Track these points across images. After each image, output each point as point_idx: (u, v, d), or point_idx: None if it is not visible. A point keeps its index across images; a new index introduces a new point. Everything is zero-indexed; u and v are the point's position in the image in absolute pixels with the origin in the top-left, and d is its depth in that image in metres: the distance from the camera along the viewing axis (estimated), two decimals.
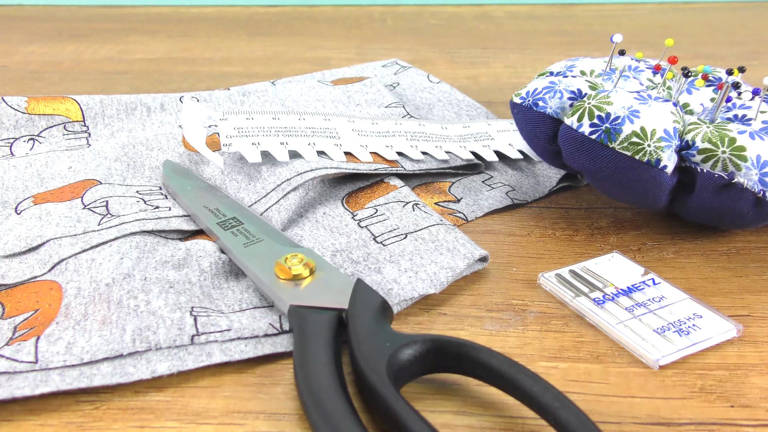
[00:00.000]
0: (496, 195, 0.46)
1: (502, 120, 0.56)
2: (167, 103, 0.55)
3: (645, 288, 0.37)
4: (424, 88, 0.63)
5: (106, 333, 0.31)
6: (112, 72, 0.72)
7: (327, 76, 0.65)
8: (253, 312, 0.34)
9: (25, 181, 0.45)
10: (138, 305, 0.33)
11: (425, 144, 0.49)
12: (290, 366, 0.32)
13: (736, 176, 0.36)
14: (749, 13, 1.00)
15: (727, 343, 0.33)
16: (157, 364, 0.30)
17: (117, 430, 0.28)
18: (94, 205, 0.41)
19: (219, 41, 0.84)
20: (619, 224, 0.44)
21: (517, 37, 0.87)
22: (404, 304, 0.35)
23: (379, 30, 0.90)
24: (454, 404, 0.30)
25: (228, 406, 0.30)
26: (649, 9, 1.02)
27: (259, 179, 0.44)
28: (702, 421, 0.29)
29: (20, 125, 0.50)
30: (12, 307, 0.34)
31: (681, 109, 0.41)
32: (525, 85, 0.45)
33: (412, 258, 0.38)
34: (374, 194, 0.45)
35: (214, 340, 0.32)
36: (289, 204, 0.42)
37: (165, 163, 0.46)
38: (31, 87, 0.66)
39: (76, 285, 0.35)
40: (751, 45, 0.83)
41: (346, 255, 0.39)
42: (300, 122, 0.48)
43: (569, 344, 0.33)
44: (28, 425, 0.29)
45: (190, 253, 0.37)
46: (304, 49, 0.80)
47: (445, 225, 0.40)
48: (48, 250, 0.37)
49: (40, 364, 0.30)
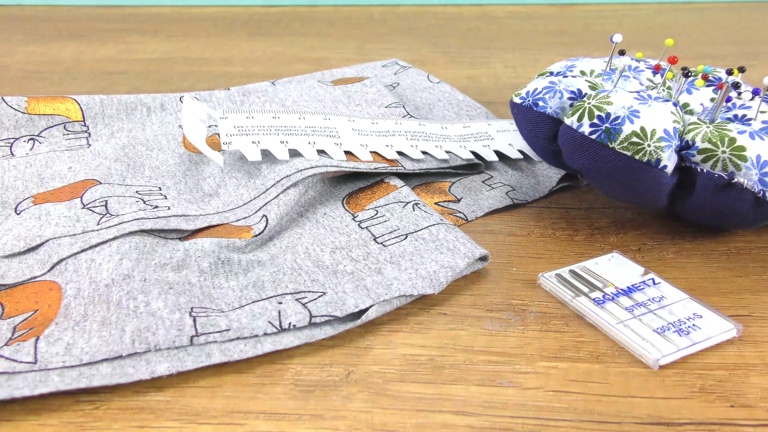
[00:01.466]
0: (496, 195, 0.46)
1: (502, 120, 0.56)
2: (167, 103, 0.55)
3: (645, 288, 0.36)
4: (424, 88, 0.63)
5: (105, 334, 0.31)
6: (112, 72, 0.72)
7: (327, 77, 0.65)
8: (252, 307, 0.34)
9: (25, 181, 0.45)
10: (137, 306, 0.33)
11: (425, 144, 0.49)
12: (290, 366, 0.32)
13: (736, 176, 0.36)
14: (749, 13, 1.00)
15: (727, 343, 0.33)
16: (156, 364, 0.30)
17: (117, 430, 0.28)
18: (93, 205, 0.41)
19: (219, 41, 0.84)
20: (619, 224, 0.44)
21: (517, 37, 0.87)
22: (404, 300, 0.35)
23: (379, 30, 0.90)
24: (454, 404, 0.30)
25: (228, 406, 0.30)
26: (649, 9, 1.02)
27: (258, 176, 0.44)
28: (702, 421, 0.29)
29: (20, 125, 0.50)
30: (11, 307, 0.34)
31: (681, 109, 0.41)
32: (525, 85, 0.45)
33: (413, 258, 0.38)
34: (374, 195, 0.45)
35: (214, 341, 0.32)
36: (288, 199, 0.42)
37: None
38: (31, 87, 0.66)
39: (76, 285, 0.35)
40: (751, 45, 0.83)
41: (346, 253, 0.39)
42: (300, 121, 0.48)
43: (569, 344, 0.33)
44: (28, 425, 0.29)
45: (189, 254, 0.37)
46: (304, 49, 0.80)
47: (446, 224, 0.40)
48: (47, 250, 0.37)
49: (39, 365, 0.30)
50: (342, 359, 0.32)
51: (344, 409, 0.30)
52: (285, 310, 0.34)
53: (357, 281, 0.36)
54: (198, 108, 0.50)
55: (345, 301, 0.35)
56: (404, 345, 0.33)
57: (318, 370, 0.32)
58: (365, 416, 0.29)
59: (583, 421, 0.29)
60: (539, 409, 0.30)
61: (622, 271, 0.38)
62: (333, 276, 0.37)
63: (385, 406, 0.30)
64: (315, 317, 0.33)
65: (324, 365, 0.32)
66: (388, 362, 0.32)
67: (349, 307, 0.34)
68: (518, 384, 0.31)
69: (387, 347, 0.33)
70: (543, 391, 0.31)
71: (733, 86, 0.40)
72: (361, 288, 0.36)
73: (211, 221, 0.41)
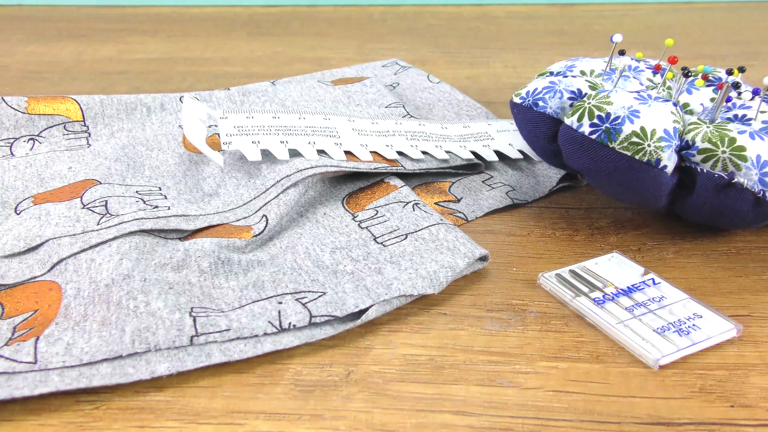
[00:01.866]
0: (496, 195, 0.46)
1: (502, 120, 0.56)
2: (167, 103, 0.55)
3: (645, 288, 0.36)
4: (424, 88, 0.63)
5: (105, 334, 0.31)
6: (112, 72, 0.72)
7: (327, 76, 0.65)
8: (252, 307, 0.34)
9: (25, 181, 0.45)
10: (137, 306, 0.33)
11: (425, 144, 0.49)
12: (290, 366, 0.32)
13: (736, 176, 0.36)
14: (749, 13, 1.00)
15: (727, 343, 0.33)
16: (156, 364, 0.30)
17: (117, 430, 0.28)
18: (93, 205, 0.41)
19: (219, 41, 0.84)
20: (619, 224, 0.44)
21: (517, 37, 0.87)
22: (404, 300, 0.35)
23: (379, 30, 0.90)
24: (454, 404, 0.30)
25: (228, 406, 0.30)
26: (649, 9, 1.02)
27: (258, 176, 0.44)
28: (702, 421, 0.29)
29: (20, 125, 0.50)
30: (11, 307, 0.34)
31: (681, 109, 0.41)
32: (525, 85, 0.45)
33: (413, 258, 0.38)
34: (374, 195, 0.45)
35: (214, 341, 0.32)
36: (288, 199, 0.42)
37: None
38: (31, 87, 0.66)
39: (76, 285, 0.35)
40: (751, 45, 0.83)
41: (346, 253, 0.39)
42: (300, 121, 0.48)
43: (569, 344, 0.33)
44: (28, 425, 0.29)
45: (188, 254, 0.37)
46: (304, 49, 0.80)
47: (446, 224, 0.40)
48: (47, 250, 0.37)
49: (39, 365, 0.30)
50: (342, 359, 0.32)
51: (344, 409, 0.30)
52: (285, 310, 0.34)
53: (357, 281, 0.36)
54: (198, 108, 0.50)
55: (345, 301, 0.35)
56: (404, 345, 0.33)
57: (318, 370, 0.32)
58: (365, 416, 0.29)
59: (583, 421, 0.29)
60: (539, 409, 0.30)
61: (622, 271, 0.38)
62: (333, 276, 0.37)
63: (385, 406, 0.30)
64: (315, 317, 0.33)
65: (324, 365, 0.32)
66: (388, 362, 0.32)
67: (349, 307, 0.34)
68: (518, 384, 0.31)
69: (387, 347, 0.33)
70: (543, 391, 0.31)
71: (733, 86, 0.40)
72: (361, 288, 0.36)
73: (211, 221, 0.41)
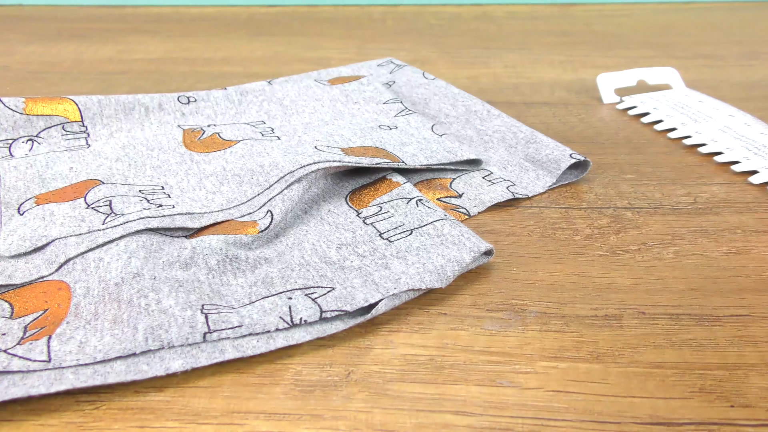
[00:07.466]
0: (497, 189, 0.47)
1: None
2: (165, 103, 0.55)
3: None
4: (420, 84, 0.63)
5: (117, 332, 0.31)
6: (112, 72, 0.72)
7: (323, 76, 0.65)
8: (263, 303, 0.34)
9: (27, 182, 0.45)
10: (149, 304, 0.33)
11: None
12: (290, 366, 0.32)
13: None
14: (749, 13, 1.00)
15: (728, 343, 0.33)
16: (170, 361, 0.31)
17: (117, 430, 0.28)
18: (97, 205, 0.41)
19: (219, 41, 0.84)
20: (619, 224, 0.44)
21: (517, 37, 0.87)
22: (412, 294, 0.35)
23: (379, 30, 0.90)
24: (454, 404, 0.30)
25: (228, 406, 0.30)
26: (649, 9, 1.02)
27: (261, 173, 0.44)
28: (702, 421, 0.29)
29: (18, 126, 0.50)
30: (21, 306, 0.34)
31: None
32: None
33: (419, 253, 0.38)
34: (378, 192, 0.45)
35: (227, 337, 0.32)
36: (292, 195, 0.42)
37: None
38: (31, 87, 0.66)
39: (85, 284, 0.35)
40: (751, 45, 0.83)
41: (352, 249, 0.39)
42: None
43: (569, 344, 0.33)
44: (28, 425, 0.29)
45: (196, 252, 0.37)
46: (304, 49, 0.80)
47: (450, 220, 0.40)
48: (54, 249, 0.38)
49: (53, 363, 0.30)
50: (342, 359, 0.32)
51: (344, 409, 0.30)
52: (295, 305, 0.34)
53: (365, 276, 0.36)
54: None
55: (354, 295, 0.35)
56: (404, 345, 0.33)
57: (318, 370, 0.32)
58: (365, 416, 0.29)
59: (583, 421, 0.29)
60: (539, 409, 0.30)
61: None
62: (341, 271, 0.37)
63: (385, 406, 0.30)
64: (325, 312, 0.33)
65: (324, 365, 0.32)
66: (388, 362, 0.32)
67: (359, 301, 0.34)
68: (518, 384, 0.31)
69: (387, 347, 0.33)
70: (543, 391, 0.31)
71: None
72: (369, 282, 0.36)
73: (216, 218, 0.41)
